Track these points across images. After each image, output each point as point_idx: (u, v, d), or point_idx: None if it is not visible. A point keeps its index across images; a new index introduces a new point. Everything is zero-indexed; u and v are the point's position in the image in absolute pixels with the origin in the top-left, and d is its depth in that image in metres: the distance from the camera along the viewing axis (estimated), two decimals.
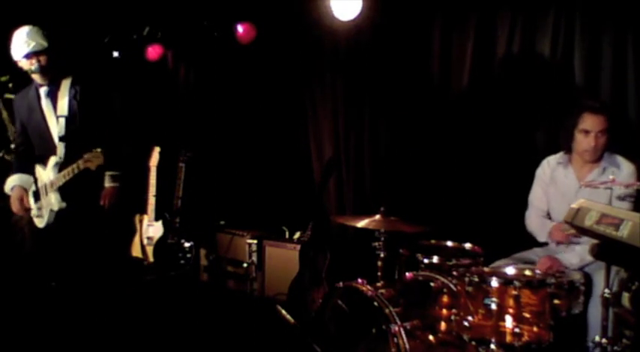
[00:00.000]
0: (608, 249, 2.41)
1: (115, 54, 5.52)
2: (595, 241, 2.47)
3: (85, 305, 3.82)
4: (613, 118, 3.09)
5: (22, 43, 3.58)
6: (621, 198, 2.96)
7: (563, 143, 3.23)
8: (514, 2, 3.91)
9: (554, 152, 3.35)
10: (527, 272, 2.83)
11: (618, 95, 3.51)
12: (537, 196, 3.38)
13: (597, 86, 3.59)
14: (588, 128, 3.05)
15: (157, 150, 5.04)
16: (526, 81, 3.86)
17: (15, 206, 3.79)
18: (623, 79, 3.50)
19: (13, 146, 4.02)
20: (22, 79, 3.96)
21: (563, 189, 3.23)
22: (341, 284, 3.21)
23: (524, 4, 3.86)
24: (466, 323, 2.72)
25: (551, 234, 3.21)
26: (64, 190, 3.67)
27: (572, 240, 3.07)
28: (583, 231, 2.46)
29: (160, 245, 5.01)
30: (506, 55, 3.94)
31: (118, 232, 4.94)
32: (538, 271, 2.86)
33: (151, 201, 5.02)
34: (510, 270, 2.86)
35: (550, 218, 3.35)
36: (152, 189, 5.02)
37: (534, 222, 3.37)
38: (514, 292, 2.64)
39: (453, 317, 2.81)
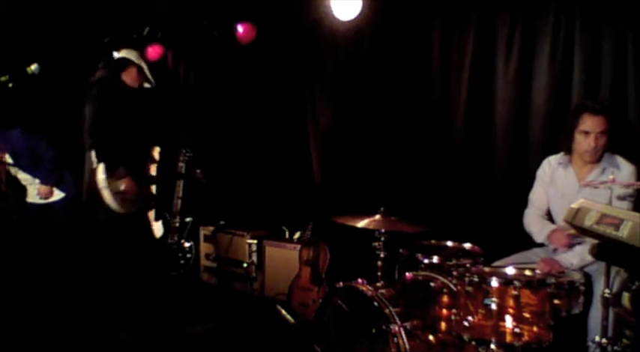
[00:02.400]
0: (608, 249, 2.41)
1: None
2: (595, 241, 2.47)
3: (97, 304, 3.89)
4: (613, 119, 3.09)
5: None
6: (621, 198, 2.95)
7: (563, 144, 3.23)
8: (514, 2, 3.91)
9: (554, 152, 3.35)
10: (527, 273, 2.83)
11: (618, 95, 3.51)
12: (538, 196, 3.38)
13: (597, 86, 3.58)
14: (588, 129, 3.06)
15: (156, 150, 5.03)
16: (526, 81, 3.86)
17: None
18: (623, 78, 3.49)
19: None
20: (22, 79, 3.96)
21: (563, 190, 3.23)
22: (341, 284, 3.22)
23: (524, 4, 3.86)
24: (466, 323, 2.72)
25: (550, 239, 3.21)
26: None
27: (571, 242, 3.06)
28: (583, 231, 2.46)
29: (160, 245, 5.01)
30: (506, 54, 3.94)
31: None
32: (538, 271, 2.87)
33: None
34: (510, 270, 2.87)
35: (550, 218, 3.35)
36: (152, 189, 5.01)
37: (533, 221, 3.37)
38: (514, 292, 2.64)
39: (453, 317, 2.81)
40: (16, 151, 4.82)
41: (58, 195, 4.93)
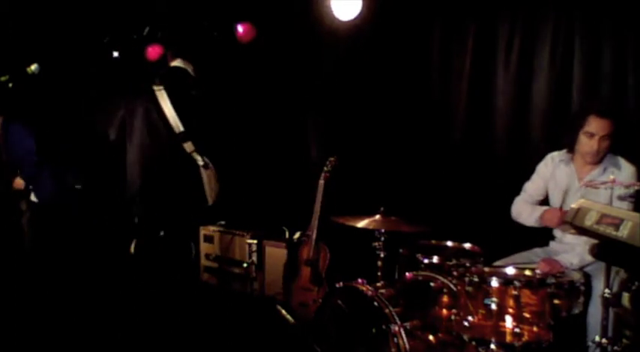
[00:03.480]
0: (608, 249, 2.41)
1: (115, 54, 5.53)
2: (593, 240, 2.47)
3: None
4: (618, 122, 3.08)
5: None
6: (622, 198, 2.95)
7: (566, 142, 3.22)
8: (515, 2, 3.91)
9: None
10: (527, 272, 2.83)
11: (618, 95, 3.51)
12: (534, 186, 3.38)
13: (597, 86, 3.59)
14: (593, 131, 3.05)
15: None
16: (526, 81, 3.86)
17: None
18: (623, 79, 3.49)
19: None
20: (22, 79, 3.96)
21: (563, 187, 3.23)
22: (341, 284, 3.22)
23: (524, 4, 3.86)
24: (466, 323, 2.72)
25: (543, 218, 3.20)
26: None
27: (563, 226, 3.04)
28: (583, 231, 2.46)
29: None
30: (506, 54, 3.94)
31: None
32: (538, 271, 2.87)
33: None
34: (510, 270, 2.87)
35: None
36: None
37: (522, 205, 3.39)
38: (514, 292, 2.64)
39: (453, 317, 2.81)
40: (7, 143, 4.83)
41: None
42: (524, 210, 3.35)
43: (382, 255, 3.38)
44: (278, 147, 5.29)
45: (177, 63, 4.19)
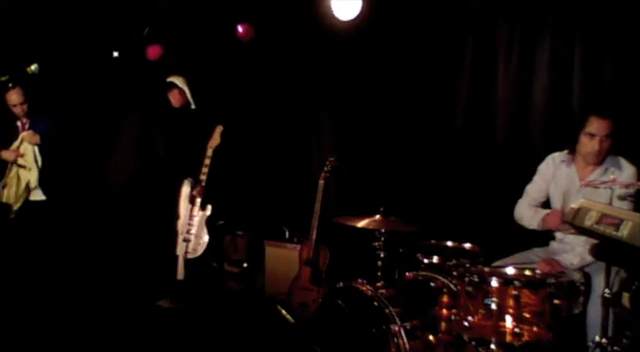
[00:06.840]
0: (608, 249, 2.41)
1: (115, 54, 5.53)
2: (593, 240, 2.47)
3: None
4: (618, 123, 3.08)
5: None
6: (622, 198, 2.96)
7: (567, 143, 3.22)
8: (514, 8, 3.91)
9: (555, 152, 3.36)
10: (527, 272, 2.83)
11: (619, 96, 3.51)
12: (536, 187, 3.38)
13: (598, 86, 3.59)
14: (594, 132, 3.05)
15: None
16: (526, 81, 3.87)
17: None
18: (623, 86, 3.49)
19: None
20: (22, 79, 3.97)
21: (564, 188, 3.23)
22: (341, 284, 3.21)
23: (525, 4, 3.87)
24: (466, 323, 2.72)
25: (545, 220, 3.20)
26: None
27: (563, 227, 3.04)
28: (583, 231, 2.46)
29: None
30: (506, 55, 3.95)
31: None
32: (538, 271, 2.87)
33: None
34: (510, 270, 2.86)
35: None
36: None
37: (525, 208, 3.38)
38: (514, 292, 2.64)
39: (453, 317, 2.81)
40: None
41: None
42: (527, 213, 3.35)
43: (382, 255, 3.37)
44: (278, 147, 5.29)
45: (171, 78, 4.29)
